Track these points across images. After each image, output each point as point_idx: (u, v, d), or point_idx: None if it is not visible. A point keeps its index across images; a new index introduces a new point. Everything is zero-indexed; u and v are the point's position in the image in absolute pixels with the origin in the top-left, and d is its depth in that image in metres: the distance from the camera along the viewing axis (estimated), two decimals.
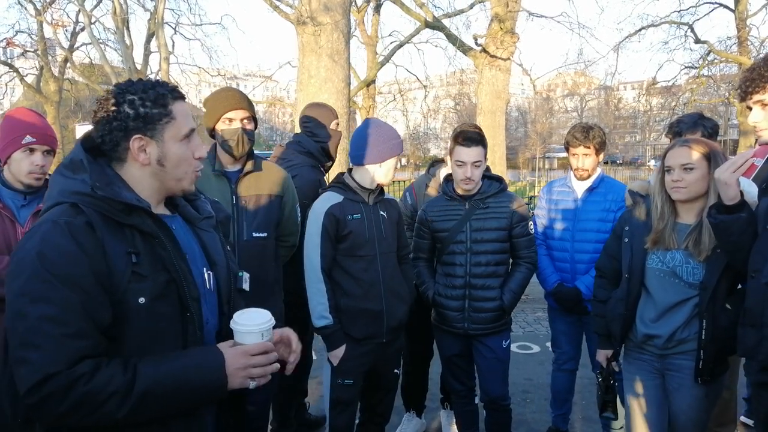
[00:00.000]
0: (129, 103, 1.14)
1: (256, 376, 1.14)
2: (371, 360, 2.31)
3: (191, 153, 1.21)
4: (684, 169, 1.90)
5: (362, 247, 2.23)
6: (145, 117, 1.14)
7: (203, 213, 1.32)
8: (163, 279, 1.12)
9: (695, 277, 1.92)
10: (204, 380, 1.09)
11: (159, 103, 1.15)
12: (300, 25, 6.29)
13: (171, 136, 1.17)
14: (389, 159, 2.26)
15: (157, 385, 1.05)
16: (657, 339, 2.00)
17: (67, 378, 0.99)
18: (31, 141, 1.97)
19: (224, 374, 1.10)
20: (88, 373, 1.01)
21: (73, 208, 1.08)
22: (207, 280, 1.24)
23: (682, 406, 1.99)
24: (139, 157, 1.15)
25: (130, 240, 1.10)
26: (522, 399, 3.53)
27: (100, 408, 1.01)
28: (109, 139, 1.15)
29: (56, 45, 17.86)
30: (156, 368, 1.06)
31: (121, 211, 1.10)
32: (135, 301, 1.08)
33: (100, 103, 1.16)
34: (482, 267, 2.48)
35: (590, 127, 2.73)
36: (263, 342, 1.15)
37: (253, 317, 1.17)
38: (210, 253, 1.28)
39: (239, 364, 1.12)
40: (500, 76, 8.08)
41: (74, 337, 1.01)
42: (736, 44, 16.01)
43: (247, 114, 2.28)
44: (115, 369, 1.03)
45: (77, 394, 1.00)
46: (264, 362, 1.15)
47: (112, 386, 1.02)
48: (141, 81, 1.18)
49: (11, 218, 1.97)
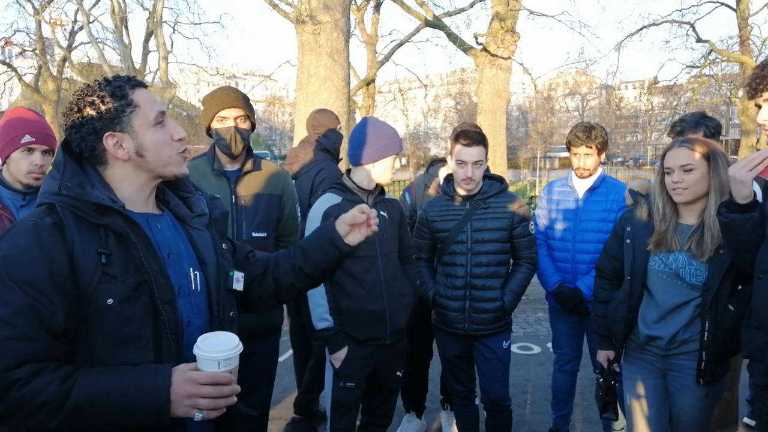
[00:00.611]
0: (89, 104, 1.14)
1: (203, 407, 1.07)
2: (374, 362, 2.30)
3: (169, 136, 1.20)
4: (684, 170, 1.89)
5: (362, 248, 2.21)
6: (108, 112, 1.14)
7: (196, 211, 1.30)
8: (133, 280, 1.10)
9: (698, 278, 1.91)
10: (143, 402, 1.05)
11: (118, 96, 1.15)
12: (299, 23, 6.27)
13: (141, 125, 1.16)
14: (385, 158, 2.23)
15: (92, 400, 1.03)
16: (659, 340, 1.99)
17: (2, 381, 0.99)
18: (30, 141, 1.96)
19: (166, 399, 1.05)
20: (24, 378, 1.00)
21: (48, 208, 1.09)
22: (193, 280, 1.22)
23: (684, 406, 1.98)
24: (117, 154, 1.15)
25: (103, 240, 1.09)
26: (522, 400, 3.51)
27: (33, 415, 1.01)
28: (84, 146, 1.15)
29: (55, 44, 17.86)
30: (96, 382, 1.04)
31: (93, 211, 1.09)
32: (103, 302, 1.06)
33: (65, 115, 1.17)
34: (483, 267, 2.46)
35: (592, 126, 2.72)
36: (216, 372, 1.07)
37: (216, 343, 1.09)
38: (200, 253, 1.26)
39: (184, 391, 1.06)
40: (501, 75, 8.06)
41: (18, 339, 1.01)
42: (737, 43, 16.00)
43: (242, 113, 2.27)
44: (54, 378, 1.02)
45: (11, 398, 1.00)
46: (213, 394, 1.07)
47: (45, 396, 1.01)
48: (96, 81, 1.19)
49: (10, 218, 1.95)
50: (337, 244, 1.39)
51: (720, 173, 1.86)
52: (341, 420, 2.29)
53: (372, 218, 1.41)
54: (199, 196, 1.34)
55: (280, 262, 1.43)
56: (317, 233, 1.46)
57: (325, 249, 1.40)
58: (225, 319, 1.26)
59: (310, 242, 1.45)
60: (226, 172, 2.28)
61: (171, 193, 1.29)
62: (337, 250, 1.40)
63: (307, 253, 1.42)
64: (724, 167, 1.87)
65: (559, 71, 23.71)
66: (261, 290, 1.42)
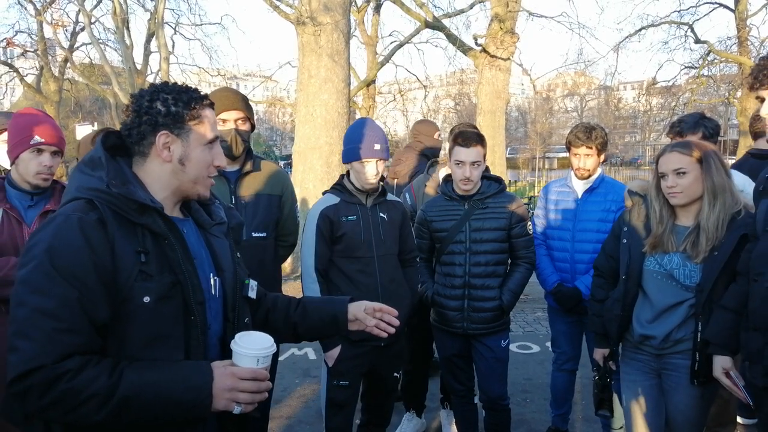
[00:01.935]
0: (162, 100, 1.18)
1: (242, 401, 1.11)
2: (369, 362, 2.31)
3: (211, 159, 1.24)
4: (677, 174, 1.91)
5: (358, 249, 2.23)
6: (176, 115, 1.18)
7: (216, 219, 1.33)
8: (169, 280, 1.12)
9: (692, 279, 1.93)
10: (188, 396, 1.08)
11: (190, 106, 1.20)
12: (300, 25, 6.30)
13: (196, 139, 1.21)
14: (357, 161, 2.23)
15: (139, 393, 1.04)
16: (653, 339, 2.01)
17: (51, 372, 1.00)
18: (40, 141, 1.96)
19: (209, 393, 1.09)
20: (74, 370, 1.01)
21: (88, 204, 1.10)
22: (213, 285, 1.25)
23: (678, 405, 1.99)
24: (162, 153, 1.18)
25: (140, 239, 1.12)
26: (522, 399, 3.53)
27: (80, 407, 1.02)
28: (136, 132, 1.18)
29: (56, 45, 17.85)
30: (142, 376, 1.06)
31: (134, 210, 1.11)
32: (140, 299, 1.09)
33: (134, 98, 1.20)
34: (481, 267, 2.48)
35: (593, 127, 2.73)
36: (255, 368, 1.13)
37: (253, 341, 1.15)
38: (218, 260, 1.29)
39: (225, 385, 1.10)
40: (500, 76, 8.08)
41: (66, 332, 1.02)
42: (736, 44, 16.01)
43: (242, 115, 2.29)
44: (101, 371, 1.03)
45: (59, 390, 1.00)
46: (252, 389, 1.12)
47: (94, 387, 1.02)
48: (176, 84, 1.24)
49: (18, 219, 1.96)
50: (339, 325, 1.43)
51: (713, 175, 1.88)
52: (335, 418, 2.30)
53: (383, 327, 1.43)
54: (218, 204, 1.37)
55: (278, 306, 1.46)
56: (327, 303, 1.49)
57: (325, 322, 1.44)
58: (240, 325, 1.28)
59: (315, 308, 1.47)
60: (225, 173, 2.29)
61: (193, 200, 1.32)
62: (335, 330, 1.44)
63: (307, 316, 1.45)
64: (717, 168, 1.89)
65: (558, 72, 23.70)
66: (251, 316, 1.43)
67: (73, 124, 16.50)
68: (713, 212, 1.88)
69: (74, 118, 19.80)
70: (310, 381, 3.82)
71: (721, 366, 1.84)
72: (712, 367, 1.86)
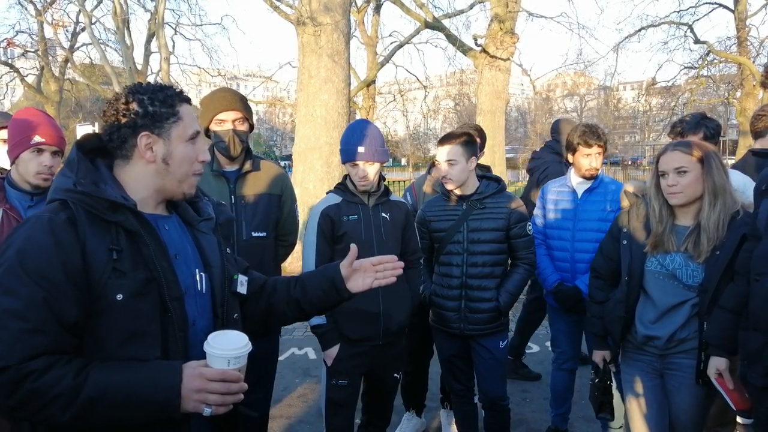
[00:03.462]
0: (138, 101, 1.18)
1: (211, 403, 1.09)
2: (368, 362, 2.31)
3: (195, 155, 1.24)
4: (678, 172, 1.91)
5: (359, 249, 2.23)
6: (154, 115, 1.18)
7: (202, 215, 1.32)
8: (143, 277, 1.12)
9: (695, 279, 1.92)
10: (155, 397, 1.07)
11: (167, 103, 1.19)
12: (300, 25, 6.30)
13: (177, 136, 1.20)
14: (350, 163, 2.24)
15: (105, 393, 1.04)
16: (657, 340, 2.00)
17: (16, 373, 1.00)
18: (40, 141, 1.96)
19: (178, 393, 1.07)
20: (39, 370, 1.02)
21: (61, 204, 1.11)
22: (198, 281, 1.24)
23: (682, 405, 1.99)
24: (145, 154, 1.18)
25: (114, 237, 1.12)
26: (521, 398, 3.53)
27: (46, 408, 1.02)
28: (117, 136, 1.18)
29: (57, 45, 17.86)
30: (109, 376, 1.05)
31: (106, 208, 1.11)
32: (113, 297, 1.09)
33: (110, 103, 1.20)
34: (479, 267, 2.48)
35: (596, 126, 2.77)
36: (225, 369, 1.10)
37: (227, 341, 1.12)
38: (205, 255, 1.28)
39: (194, 386, 1.08)
40: (500, 77, 8.09)
41: (32, 332, 1.02)
42: (735, 44, 16.02)
43: (240, 115, 2.29)
44: (67, 371, 1.03)
45: (24, 390, 1.01)
46: (221, 390, 1.10)
47: (59, 388, 1.02)
48: (149, 83, 1.23)
49: (18, 219, 1.95)
50: (337, 287, 1.39)
51: (713, 175, 1.89)
52: (335, 418, 2.30)
53: (386, 269, 1.38)
54: (206, 201, 1.37)
55: (278, 288, 1.44)
56: (322, 271, 1.45)
57: (325, 289, 1.40)
58: (229, 320, 1.28)
59: (312, 278, 1.45)
60: (225, 173, 2.30)
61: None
62: (337, 294, 1.39)
63: (307, 289, 1.42)
64: (717, 169, 1.90)
65: (558, 72, 23.72)
66: (252, 309, 1.42)
67: (73, 124, 16.50)
68: (714, 212, 1.88)
69: (75, 118, 19.81)
70: (311, 381, 3.82)
71: (716, 367, 1.84)
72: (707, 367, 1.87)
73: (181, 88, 1.26)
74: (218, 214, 1.38)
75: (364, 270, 1.39)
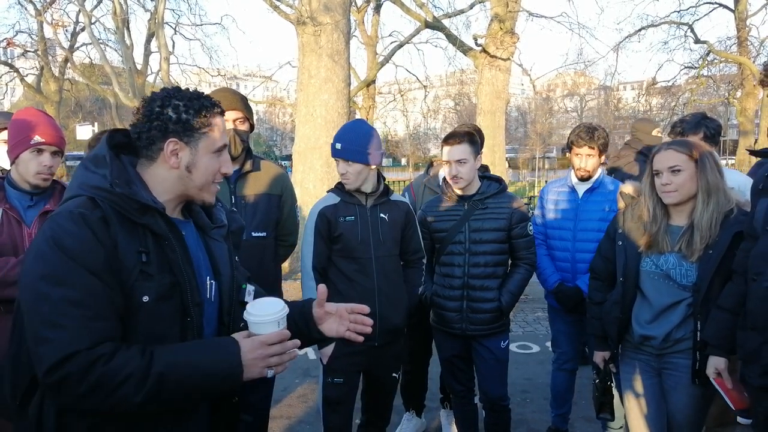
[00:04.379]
0: (173, 107, 1.18)
1: (273, 365, 1.14)
2: (364, 362, 2.30)
3: (218, 167, 1.24)
4: (672, 171, 1.91)
5: (355, 249, 2.24)
6: (186, 123, 1.18)
7: (216, 222, 1.33)
8: (169, 281, 1.13)
9: (688, 279, 1.93)
10: (220, 368, 1.09)
11: (201, 114, 1.19)
12: (300, 25, 6.30)
13: (204, 147, 1.21)
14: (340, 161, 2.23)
15: (173, 369, 1.06)
16: (653, 340, 2.01)
17: (87, 357, 1.01)
18: (40, 141, 1.96)
19: (239, 363, 1.10)
20: (108, 354, 1.02)
21: (91, 201, 1.10)
22: (209, 288, 1.25)
23: (678, 404, 1.99)
24: (170, 160, 1.19)
25: (141, 239, 1.12)
26: (522, 399, 3.53)
27: (118, 389, 1.02)
28: (146, 136, 1.18)
29: (56, 45, 17.86)
30: (172, 354, 1.08)
31: (136, 210, 1.12)
32: (140, 298, 1.10)
33: (145, 101, 1.20)
34: (480, 268, 2.48)
35: (595, 127, 2.75)
36: (280, 330, 1.15)
37: (267, 307, 1.17)
38: (216, 263, 1.29)
39: (257, 354, 1.12)
40: (500, 77, 8.07)
41: (95, 319, 1.03)
42: (735, 44, 16.02)
43: (240, 115, 2.30)
44: (133, 353, 1.05)
45: (95, 375, 1.01)
46: (280, 351, 1.15)
47: (129, 368, 1.03)
48: (189, 90, 1.23)
49: (18, 219, 1.95)
50: (309, 328, 1.35)
51: (707, 174, 1.89)
52: (331, 416, 2.30)
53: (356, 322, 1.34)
54: (219, 207, 1.37)
55: None
56: (302, 305, 1.39)
57: (299, 325, 1.35)
58: (235, 329, 1.28)
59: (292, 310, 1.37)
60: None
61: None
62: (308, 334, 1.35)
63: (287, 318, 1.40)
64: (711, 168, 1.90)
65: (558, 72, 23.72)
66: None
67: (73, 124, 16.51)
68: (707, 211, 1.88)
69: (74, 118, 19.82)
70: (310, 381, 3.82)
71: (714, 367, 1.84)
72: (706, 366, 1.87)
73: (217, 101, 1.25)
74: (230, 221, 1.38)
75: (339, 315, 1.36)
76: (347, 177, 2.24)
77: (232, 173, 2.31)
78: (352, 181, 2.24)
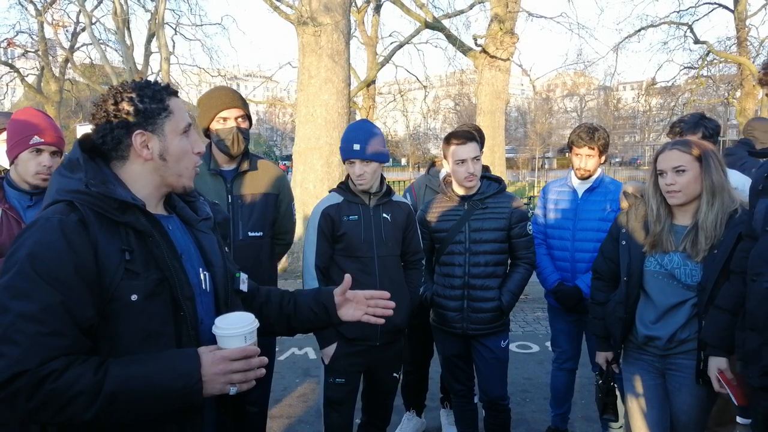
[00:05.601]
0: (128, 100, 1.17)
1: (236, 382, 1.11)
2: (365, 362, 2.31)
3: (190, 147, 1.23)
4: (676, 171, 1.91)
5: (358, 249, 2.24)
6: (145, 112, 1.17)
7: (201, 214, 1.33)
8: (156, 277, 1.12)
9: (693, 278, 1.92)
10: (177, 384, 1.06)
11: (157, 99, 1.18)
12: (300, 25, 6.31)
13: (171, 130, 1.20)
14: (347, 161, 2.24)
15: (127, 387, 1.03)
16: (658, 340, 2.00)
17: (35, 375, 0.99)
18: (39, 142, 1.96)
19: (198, 379, 1.08)
20: (57, 371, 1.01)
21: (69, 206, 1.09)
22: (203, 280, 1.25)
23: (682, 405, 1.99)
24: (142, 152, 1.17)
25: (124, 238, 1.11)
26: (521, 398, 3.54)
27: (68, 407, 1.01)
28: (110, 138, 1.17)
29: (57, 45, 17.86)
30: (128, 370, 1.05)
31: (115, 209, 1.11)
32: (128, 298, 1.09)
33: (97, 105, 1.19)
34: (481, 267, 2.48)
35: (595, 128, 2.75)
36: (245, 346, 1.12)
37: (235, 321, 1.15)
38: (207, 255, 1.29)
39: (218, 369, 1.09)
40: (500, 77, 8.08)
41: (50, 335, 1.01)
42: (735, 44, 16.01)
43: (242, 112, 2.29)
44: (86, 369, 1.03)
45: (45, 392, 1.00)
46: (244, 368, 1.11)
47: (79, 386, 1.01)
48: (134, 81, 1.22)
49: (17, 219, 1.95)
50: (329, 311, 1.41)
51: (712, 174, 1.88)
52: (332, 416, 2.31)
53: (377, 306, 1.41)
54: (203, 200, 1.37)
55: (271, 300, 1.45)
56: (315, 293, 1.47)
57: (316, 311, 1.42)
58: None
59: (305, 298, 1.46)
60: (222, 172, 2.29)
61: (176, 197, 1.32)
62: (327, 318, 1.42)
63: (299, 307, 1.43)
64: (716, 168, 1.89)
65: (558, 72, 23.76)
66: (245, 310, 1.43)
67: (73, 124, 16.49)
68: (711, 211, 1.88)
69: (75, 118, 19.80)
70: (310, 380, 3.82)
71: (717, 367, 1.84)
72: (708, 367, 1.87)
73: (167, 82, 1.26)
74: (215, 213, 1.39)
75: (357, 301, 1.43)
76: (364, 177, 2.22)
77: (229, 172, 2.31)
78: (368, 180, 2.23)
